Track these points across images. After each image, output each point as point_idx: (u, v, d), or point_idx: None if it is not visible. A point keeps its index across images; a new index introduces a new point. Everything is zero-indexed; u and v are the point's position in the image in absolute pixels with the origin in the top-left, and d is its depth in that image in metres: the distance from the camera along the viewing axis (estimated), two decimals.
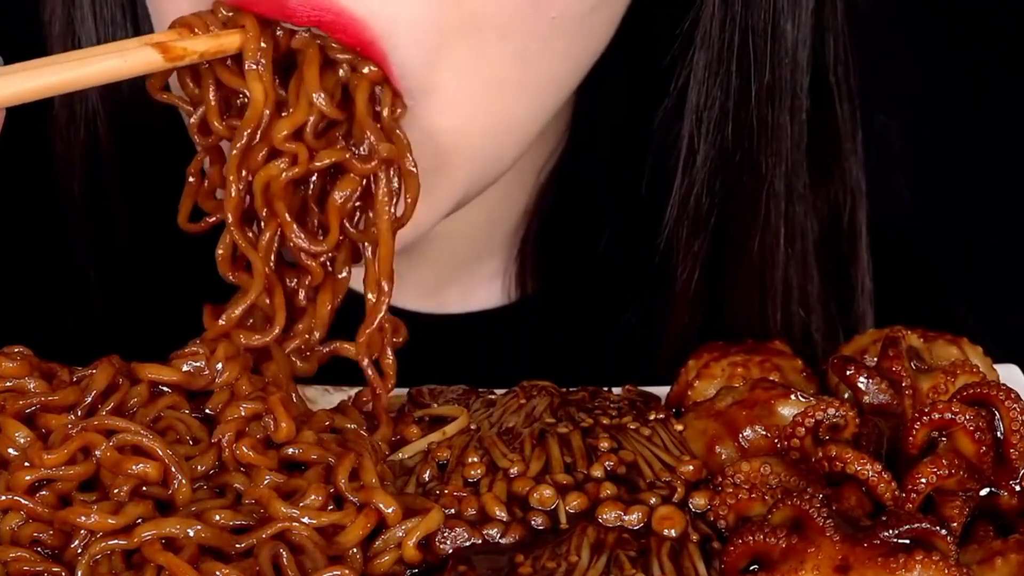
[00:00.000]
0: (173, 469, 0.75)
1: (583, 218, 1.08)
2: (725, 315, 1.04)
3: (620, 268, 1.08)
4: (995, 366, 0.90)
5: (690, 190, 1.00)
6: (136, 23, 1.00)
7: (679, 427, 0.85)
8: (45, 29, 1.03)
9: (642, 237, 1.04)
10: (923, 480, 0.77)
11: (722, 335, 0.99)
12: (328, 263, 0.84)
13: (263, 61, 0.80)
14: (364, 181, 0.82)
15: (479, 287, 1.10)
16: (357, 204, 0.83)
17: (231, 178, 0.81)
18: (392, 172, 0.82)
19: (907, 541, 0.71)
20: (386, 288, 0.82)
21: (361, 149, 0.82)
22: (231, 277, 0.84)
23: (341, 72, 0.81)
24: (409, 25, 0.81)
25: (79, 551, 0.72)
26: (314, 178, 0.83)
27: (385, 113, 0.81)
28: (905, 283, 1.19)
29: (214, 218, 0.85)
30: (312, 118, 0.81)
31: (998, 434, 0.79)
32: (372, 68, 0.81)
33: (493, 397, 0.89)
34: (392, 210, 0.82)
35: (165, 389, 0.82)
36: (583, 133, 1.07)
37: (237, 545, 0.73)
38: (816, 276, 1.06)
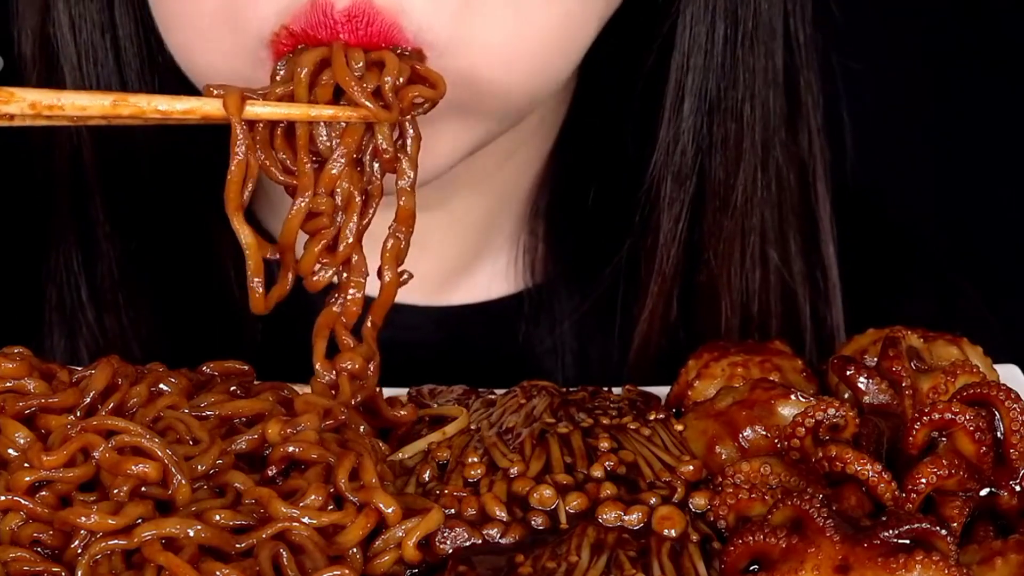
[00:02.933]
0: (172, 469, 0.75)
1: (586, 196, 1.09)
2: (707, 269, 1.04)
3: (612, 231, 1.08)
4: (995, 366, 0.90)
5: (676, 139, 1.01)
6: (117, 46, 1.00)
7: (679, 427, 0.85)
8: (15, 48, 1.03)
9: (631, 193, 1.05)
10: (923, 480, 0.77)
11: (704, 292, 0.99)
12: None
13: None
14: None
15: (484, 278, 1.10)
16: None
17: None
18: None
19: (907, 541, 0.71)
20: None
21: None
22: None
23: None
24: None
25: (79, 551, 0.72)
26: None
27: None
28: (907, 260, 1.20)
29: None
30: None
31: (998, 434, 0.79)
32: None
33: (493, 397, 0.89)
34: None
35: (165, 389, 0.82)
36: (583, 109, 1.07)
37: (237, 545, 0.73)
38: (795, 223, 1.06)
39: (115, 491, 0.74)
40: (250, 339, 1.05)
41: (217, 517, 0.74)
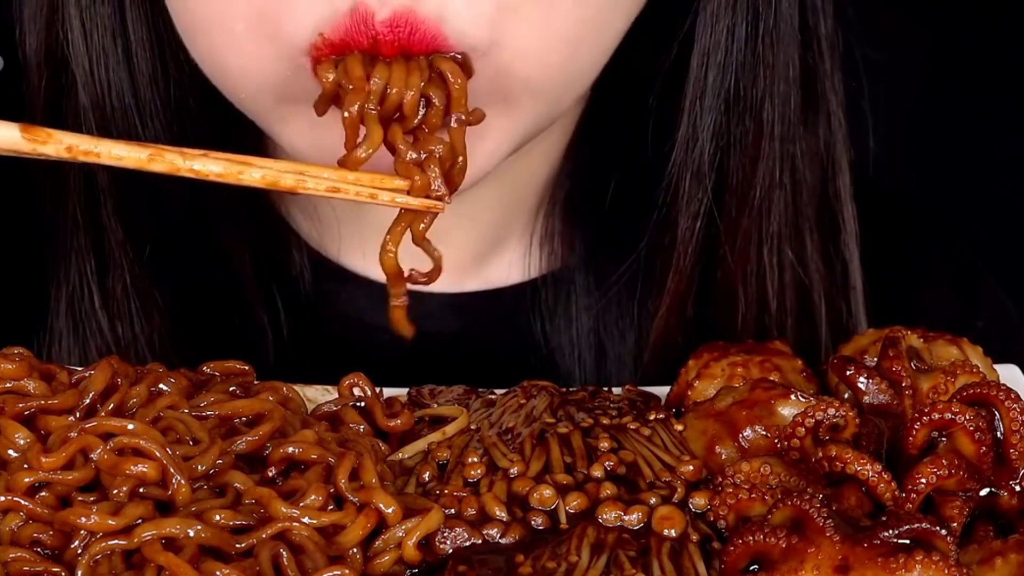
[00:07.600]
0: (172, 469, 0.75)
1: (602, 187, 1.09)
2: (723, 266, 1.04)
3: (628, 224, 1.08)
4: (995, 366, 0.90)
5: (695, 137, 1.01)
6: (128, 50, 1.00)
7: (679, 427, 0.85)
8: (21, 49, 1.02)
9: (649, 187, 1.05)
10: (923, 480, 0.77)
11: (721, 289, 0.99)
12: None
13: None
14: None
15: (502, 266, 1.11)
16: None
17: None
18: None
19: (907, 541, 0.71)
20: None
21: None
22: None
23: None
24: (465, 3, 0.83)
25: (79, 551, 0.72)
26: None
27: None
28: (927, 252, 1.20)
29: None
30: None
31: (998, 434, 0.79)
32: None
33: (493, 397, 0.89)
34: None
35: (165, 389, 0.82)
36: (601, 100, 1.07)
37: (237, 545, 0.73)
38: (812, 221, 1.06)
39: (115, 491, 0.74)
40: (264, 346, 1.05)
41: (217, 517, 0.74)
